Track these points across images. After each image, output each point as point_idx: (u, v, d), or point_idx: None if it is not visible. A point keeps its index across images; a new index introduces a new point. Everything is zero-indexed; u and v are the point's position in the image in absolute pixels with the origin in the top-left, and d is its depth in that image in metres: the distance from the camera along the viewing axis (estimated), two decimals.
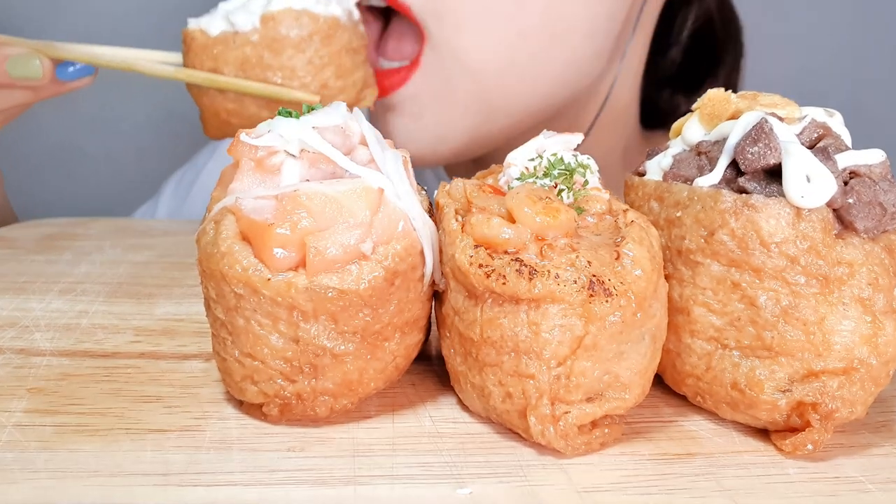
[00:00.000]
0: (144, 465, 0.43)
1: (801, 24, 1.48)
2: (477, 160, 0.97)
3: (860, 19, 1.49)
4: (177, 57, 0.78)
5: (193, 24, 0.77)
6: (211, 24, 0.75)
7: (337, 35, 0.75)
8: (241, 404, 0.50)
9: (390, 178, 0.47)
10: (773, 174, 0.47)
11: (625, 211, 0.49)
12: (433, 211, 0.51)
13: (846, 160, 0.47)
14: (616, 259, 0.44)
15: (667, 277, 0.50)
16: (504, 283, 0.43)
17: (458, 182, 0.52)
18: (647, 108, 1.08)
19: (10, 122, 0.83)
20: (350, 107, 0.53)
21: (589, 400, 0.46)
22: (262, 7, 0.74)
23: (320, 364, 0.46)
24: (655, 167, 0.55)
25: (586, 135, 0.92)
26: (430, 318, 0.52)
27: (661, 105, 1.09)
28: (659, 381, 0.53)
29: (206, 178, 1.18)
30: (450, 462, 0.45)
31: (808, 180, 0.45)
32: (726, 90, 0.52)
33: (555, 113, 0.91)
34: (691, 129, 0.54)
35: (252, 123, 0.76)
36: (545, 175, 0.51)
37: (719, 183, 0.49)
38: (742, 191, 0.47)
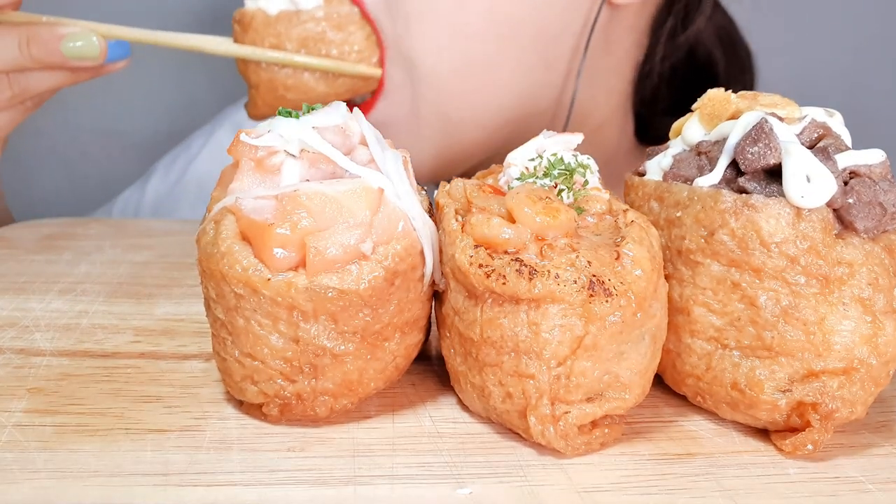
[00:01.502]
0: (144, 465, 0.43)
1: (802, 25, 1.48)
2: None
3: (860, 20, 1.48)
4: (224, 41, 0.81)
5: (251, 3, 0.80)
6: (270, 4, 0.79)
7: None
8: (241, 404, 0.50)
9: (390, 178, 0.47)
10: (773, 174, 0.47)
11: (625, 211, 0.49)
12: (433, 211, 0.51)
13: (846, 160, 0.47)
14: (616, 259, 0.44)
15: (667, 277, 0.50)
16: (504, 283, 0.43)
17: (458, 182, 0.52)
18: (642, 127, 1.07)
19: (39, 107, 0.83)
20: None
21: (589, 400, 0.46)
22: None
23: (320, 364, 0.46)
24: (655, 167, 0.55)
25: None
26: (430, 318, 0.52)
27: (653, 125, 1.08)
28: (659, 381, 0.53)
29: (200, 164, 1.17)
30: (450, 462, 0.45)
31: (808, 180, 0.45)
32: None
33: (519, 133, 0.91)
34: (691, 129, 0.54)
35: (308, 97, 0.79)
36: (545, 175, 0.51)
37: (719, 183, 0.49)
38: (742, 191, 0.47)
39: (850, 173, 0.47)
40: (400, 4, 0.79)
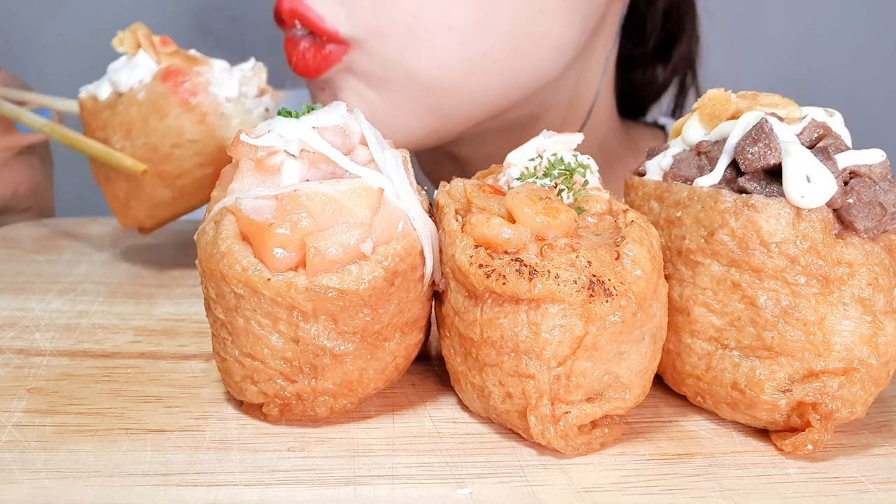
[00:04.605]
0: (144, 465, 0.43)
1: (802, 24, 1.48)
2: (446, 150, 0.96)
3: (860, 19, 1.49)
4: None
5: (84, 91, 0.71)
6: (101, 89, 0.70)
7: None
8: (241, 404, 0.50)
9: (390, 177, 0.47)
10: (774, 174, 0.47)
11: (625, 211, 0.49)
12: (433, 211, 0.51)
13: (846, 160, 0.47)
14: (616, 259, 0.44)
15: (667, 277, 0.50)
16: (504, 283, 0.43)
17: (458, 182, 0.52)
18: (624, 96, 1.08)
19: None
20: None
21: (589, 400, 0.46)
22: (151, 63, 0.69)
23: (320, 364, 0.46)
24: (655, 167, 0.55)
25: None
26: (430, 318, 0.52)
27: (638, 84, 1.09)
28: (659, 381, 0.53)
29: None
30: (450, 462, 0.45)
31: (808, 180, 0.45)
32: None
33: (529, 117, 0.91)
34: (691, 129, 0.54)
35: (153, 205, 0.70)
36: (545, 175, 0.51)
37: (719, 183, 0.49)
38: (742, 191, 0.47)
39: (850, 173, 0.47)
40: (396, 26, 0.75)
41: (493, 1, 0.76)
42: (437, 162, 1.07)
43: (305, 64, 0.78)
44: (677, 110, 1.15)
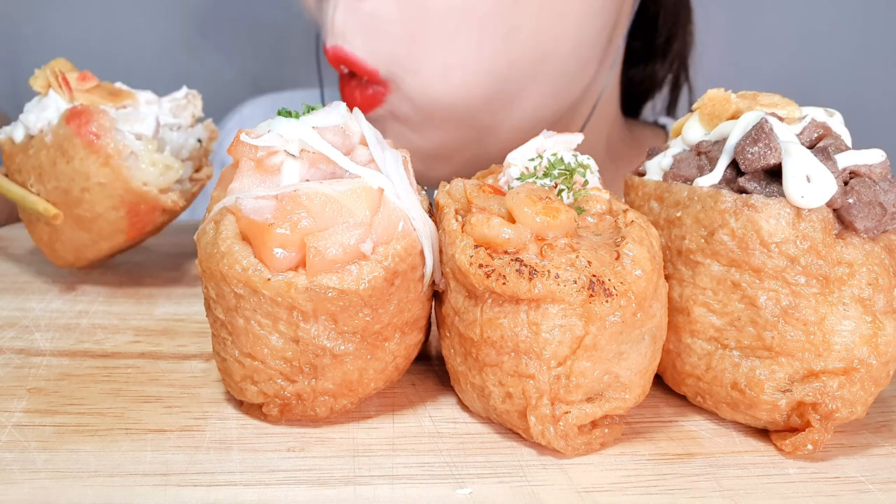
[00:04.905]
0: (144, 465, 0.43)
1: (801, 24, 1.48)
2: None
3: (860, 19, 1.48)
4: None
5: (2, 133, 0.68)
6: (15, 130, 0.67)
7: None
8: (241, 404, 0.50)
9: (390, 177, 0.47)
10: (774, 174, 0.47)
11: (625, 211, 0.49)
12: (433, 211, 0.51)
13: (846, 160, 0.47)
14: (616, 259, 0.44)
15: (667, 277, 0.50)
16: (504, 284, 0.43)
17: (458, 182, 0.52)
18: (627, 92, 1.09)
19: None
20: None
21: (589, 400, 0.46)
22: (61, 103, 0.65)
23: (320, 364, 0.46)
24: (655, 167, 0.55)
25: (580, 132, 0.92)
26: (430, 318, 0.52)
27: (637, 81, 1.11)
28: (659, 381, 0.53)
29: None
30: (450, 462, 0.45)
31: (809, 180, 0.45)
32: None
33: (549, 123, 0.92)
34: (691, 129, 0.54)
35: (76, 248, 0.67)
36: (545, 175, 0.51)
37: (719, 183, 0.49)
38: (742, 191, 0.47)
39: (850, 173, 0.47)
40: (428, 59, 0.79)
41: (517, 10, 0.79)
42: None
43: (356, 103, 0.83)
44: (672, 107, 1.15)
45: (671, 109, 1.15)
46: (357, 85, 0.84)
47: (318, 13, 0.85)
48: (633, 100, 1.14)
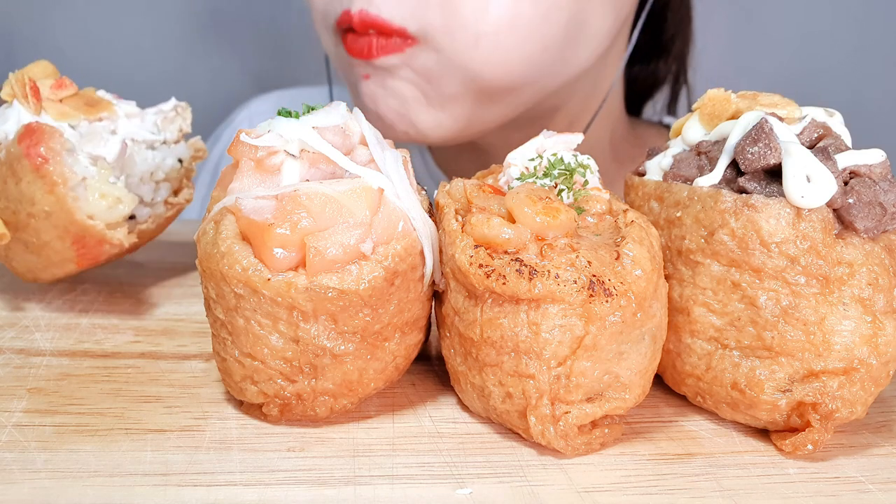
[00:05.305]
0: (144, 465, 0.43)
1: (801, 24, 1.48)
2: (463, 145, 0.96)
3: (860, 19, 1.49)
4: None
5: None
6: None
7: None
8: (241, 404, 0.50)
9: (390, 178, 0.47)
10: (773, 174, 0.47)
11: (625, 211, 0.49)
12: (433, 211, 0.51)
13: (846, 160, 0.47)
14: (616, 259, 0.44)
15: (667, 277, 0.50)
16: (504, 283, 0.43)
17: (458, 182, 0.52)
18: (629, 90, 1.09)
19: None
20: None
21: (589, 400, 0.46)
22: (26, 115, 0.59)
23: (320, 364, 0.46)
24: (655, 167, 0.55)
25: (585, 130, 0.92)
26: (430, 318, 0.52)
27: (639, 78, 1.10)
28: (659, 381, 0.53)
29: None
30: (450, 462, 0.45)
31: (809, 180, 0.45)
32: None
33: (552, 108, 0.91)
34: (691, 129, 0.54)
35: (29, 269, 0.62)
36: (545, 175, 0.51)
37: (719, 183, 0.49)
38: (742, 191, 0.47)
39: (850, 173, 0.47)
40: (468, 24, 0.76)
41: None
42: (452, 155, 1.07)
43: (369, 45, 0.79)
44: (672, 106, 1.15)
45: (672, 109, 1.16)
46: (378, 37, 0.79)
47: None
48: (635, 98, 1.14)
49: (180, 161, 0.67)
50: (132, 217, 0.65)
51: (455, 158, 1.07)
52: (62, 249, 0.59)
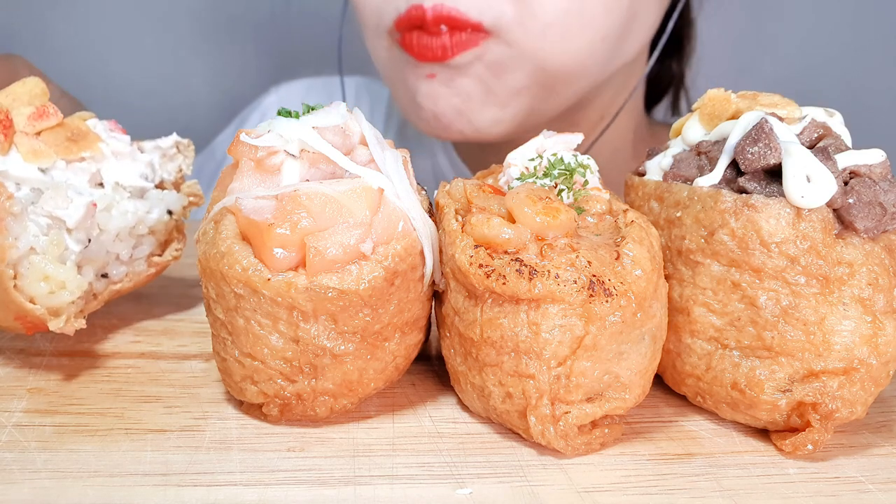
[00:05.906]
0: (144, 465, 0.43)
1: (801, 24, 1.48)
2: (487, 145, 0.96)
3: (860, 19, 1.49)
4: None
5: None
6: None
7: None
8: (241, 404, 0.50)
9: (390, 177, 0.47)
10: (774, 174, 0.47)
11: (625, 211, 0.49)
12: (433, 211, 0.51)
13: (846, 160, 0.47)
14: (616, 259, 0.44)
15: (667, 277, 0.50)
16: (504, 284, 0.43)
17: (458, 182, 0.52)
18: (650, 86, 1.10)
19: None
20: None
21: (589, 400, 0.46)
22: None
23: (320, 364, 0.46)
24: (655, 167, 0.55)
25: (609, 124, 0.92)
26: (430, 318, 0.52)
27: (658, 78, 1.11)
28: (659, 381, 0.53)
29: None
30: (450, 462, 0.45)
31: (809, 180, 0.45)
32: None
33: (587, 101, 0.92)
34: (691, 129, 0.54)
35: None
36: (545, 175, 0.51)
37: (719, 183, 0.49)
38: (742, 191, 0.47)
39: (850, 173, 0.47)
40: (538, 14, 0.77)
41: None
42: (477, 148, 1.07)
43: (443, 46, 0.78)
44: (675, 107, 1.15)
45: (675, 109, 1.16)
46: (448, 34, 0.79)
47: None
48: (649, 98, 1.15)
49: (170, 213, 0.59)
50: (105, 276, 0.58)
51: (481, 151, 1.08)
52: (8, 319, 0.52)
